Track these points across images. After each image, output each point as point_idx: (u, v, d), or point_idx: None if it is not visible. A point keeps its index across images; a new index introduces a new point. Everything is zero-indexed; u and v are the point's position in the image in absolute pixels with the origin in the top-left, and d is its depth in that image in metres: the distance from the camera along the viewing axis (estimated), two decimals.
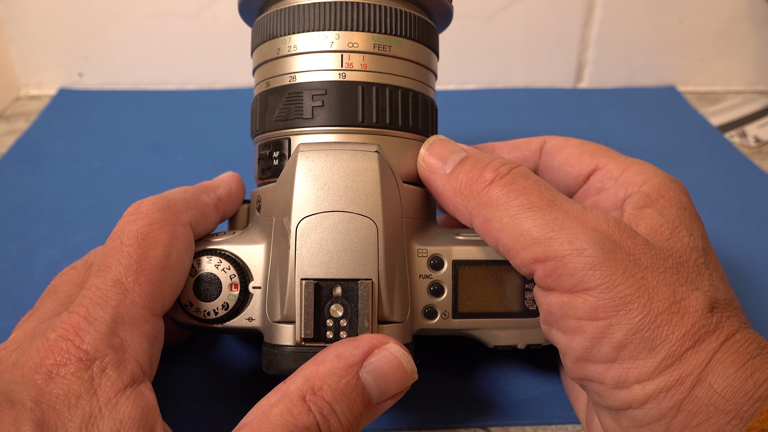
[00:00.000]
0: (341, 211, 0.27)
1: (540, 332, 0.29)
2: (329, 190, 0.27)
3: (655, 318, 0.24)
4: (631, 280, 0.24)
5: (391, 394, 0.26)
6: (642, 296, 0.24)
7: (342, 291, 0.27)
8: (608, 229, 0.26)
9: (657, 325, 0.24)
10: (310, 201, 0.27)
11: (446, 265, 0.29)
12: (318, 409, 0.24)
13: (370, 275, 0.27)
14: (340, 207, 0.27)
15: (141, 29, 0.64)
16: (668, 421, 0.24)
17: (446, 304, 0.29)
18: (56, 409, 0.22)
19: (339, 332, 0.27)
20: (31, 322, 0.26)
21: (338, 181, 0.27)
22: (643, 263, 0.25)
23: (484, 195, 0.28)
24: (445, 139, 0.31)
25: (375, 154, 0.28)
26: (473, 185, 0.28)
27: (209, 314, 0.28)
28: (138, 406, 0.23)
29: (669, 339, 0.24)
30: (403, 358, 0.26)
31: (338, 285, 0.27)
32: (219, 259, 0.28)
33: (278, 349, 0.27)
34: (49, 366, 0.22)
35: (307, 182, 0.27)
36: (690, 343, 0.24)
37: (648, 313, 0.24)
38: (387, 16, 0.30)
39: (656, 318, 0.24)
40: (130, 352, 0.24)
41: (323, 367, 0.25)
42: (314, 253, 0.27)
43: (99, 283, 0.25)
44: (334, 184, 0.27)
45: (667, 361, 0.24)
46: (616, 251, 0.25)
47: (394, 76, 0.30)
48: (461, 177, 0.29)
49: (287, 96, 0.30)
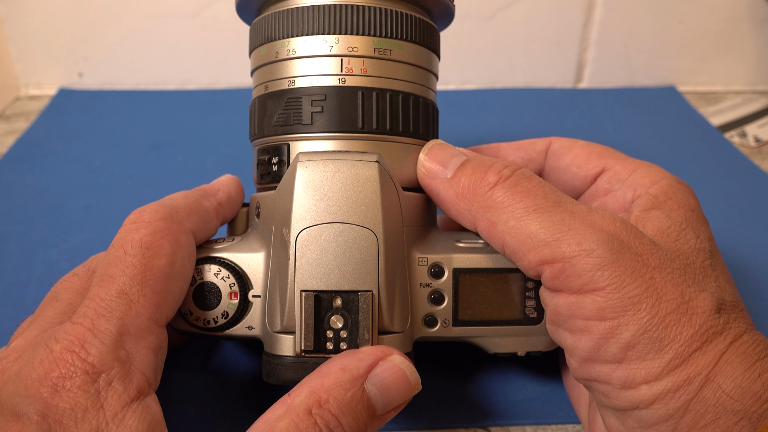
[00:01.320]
0: (341, 222, 0.27)
1: (540, 339, 0.29)
2: (329, 201, 0.27)
3: (663, 318, 0.24)
4: (640, 280, 0.24)
5: (395, 405, 0.25)
6: (650, 296, 0.24)
7: (342, 302, 0.27)
8: (616, 230, 0.26)
9: (665, 326, 0.24)
10: (309, 212, 0.27)
11: (447, 273, 0.29)
12: (324, 422, 0.23)
13: (370, 287, 0.27)
14: (340, 218, 0.27)
15: (141, 29, 0.64)
16: (675, 422, 0.24)
17: (446, 313, 0.29)
18: (63, 423, 0.21)
19: (339, 343, 0.27)
20: (32, 330, 0.25)
21: (338, 192, 0.27)
22: (651, 264, 0.25)
23: (488, 198, 0.27)
24: (445, 144, 0.31)
25: (375, 164, 0.27)
26: (476, 189, 0.28)
27: (209, 323, 0.28)
28: (145, 419, 0.23)
29: (677, 339, 0.24)
30: (407, 369, 0.26)
31: (338, 296, 0.27)
32: (219, 267, 0.28)
33: (278, 360, 0.27)
34: (54, 379, 0.22)
35: (306, 193, 0.27)
36: (698, 343, 0.24)
37: (656, 313, 0.24)
38: (387, 19, 0.30)
39: (664, 318, 0.24)
40: (136, 365, 0.24)
41: (328, 380, 0.24)
42: (314, 265, 0.27)
43: (103, 294, 0.24)
44: (334, 195, 0.27)
45: (675, 361, 0.24)
46: (624, 252, 0.25)
47: (394, 80, 0.30)
48: (463, 181, 0.28)
49: (286, 101, 0.30)
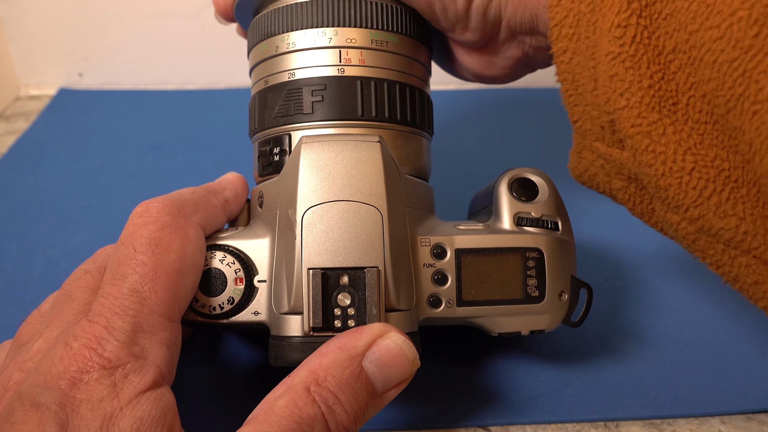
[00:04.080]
0: (346, 200, 0.27)
1: (543, 318, 0.30)
2: (333, 180, 0.27)
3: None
4: None
5: (395, 383, 0.26)
6: None
7: (349, 279, 0.27)
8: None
9: None
10: (314, 191, 0.27)
11: (449, 253, 0.29)
12: (322, 399, 0.24)
13: (376, 263, 0.27)
14: (344, 196, 0.27)
15: (141, 29, 0.64)
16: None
17: (450, 293, 0.29)
18: (79, 412, 0.22)
19: (347, 321, 0.27)
20: (52, 330, 0.26)
21: (342, 170, 0.27)
22: None
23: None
24: None
25: (377, 144, 0.28)
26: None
27: (215, 309, 0.29)
28: (158, 406, 0.23)
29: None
30: (404, 345, 0.26)
31: (345, 274, 0.27)
32: (223, 254, 0.29)
33: (286, 341, 0.27)
34: (72, 372, 0.23)
35: (311, 173, 0.27)
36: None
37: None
38: (384, 12, 0.31)
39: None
40: (151, 359, 0.24)
41: (326, 359, 0.25)
42: (320, 243, 0.27)
43: (116, 292, 0.25)
44: (338, 174, 0.27)
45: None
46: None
47: (391, 71, 0.31)
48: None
49: (287, 92, 0.30)
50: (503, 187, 0.31)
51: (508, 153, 0.56)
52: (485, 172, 0.53)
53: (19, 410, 0.22)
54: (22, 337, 0.28)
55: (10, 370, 0.25)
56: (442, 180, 0.40)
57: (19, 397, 0.23)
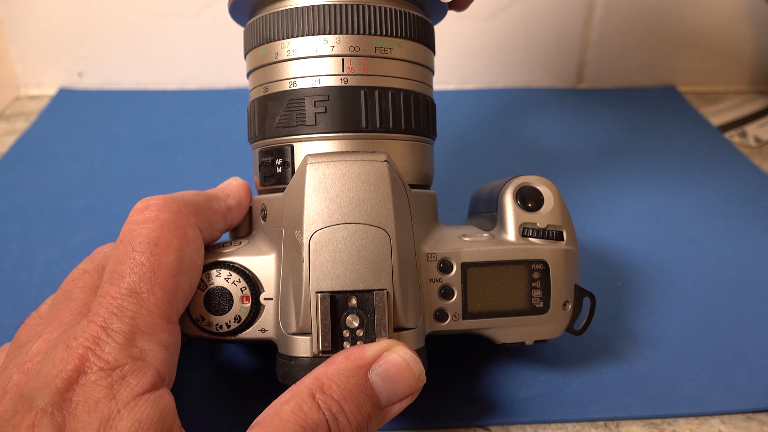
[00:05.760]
0: (354, 223, 0.27)
1: (547, 328, 0.30)
2: (341, 202, 0.27)
3: None
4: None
5: (400, 397, 0.26)
6: None
7: (357, 302, 0.27)
8: None
9: None
10: (321, 214, 0.27)
11: (455, 267, 0.29)
12: (327, 406, 0.24)
13: (384, 285, 0.27)
14: (352, 219, 0.27)
15: (141, 29, 0.64)
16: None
17: (456, 306, 0.29)
18: (76, 414, 0.22)
19: (356, 342, 0.27)
20: (51, 331, 0.26)
21: (349, 192, 0.27)
22: None
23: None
24: None
25: (385, 163, 0.28)
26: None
27: (221, 327, 0.28)
28: (156, 408, 0.23)
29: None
30: (411, 360, 0.26)
31: (353, 296, 0.27)
32: (229, 272, 0.28)
33: (294, 361, 0.27)
34: (69, 373, 0.23)
35: (318, 195, 0.27)
36: None
37: None
38: (387, 17, 0.30)
39: None
40: (150, 360, 0.24)
41: (332, 368, 0.25)
42: (328, 266, 0.27)
43: (113, 292, 0.25)
44: (345, 196, 0.27)
45: None
46: None
47: (395, 78, 0.30)
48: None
49: (288, 102, 0.30)
50: (509, 196, 0.31)
51: (508, 153, 0.56)
52: (485, 172, 0.53)
53: (18, 413, 0.22)
54: (20, 338, 0.28)
55: (10, 371, 0.25)
56: (442, 180, 0.40)
57: (18, 399, 0.23)
